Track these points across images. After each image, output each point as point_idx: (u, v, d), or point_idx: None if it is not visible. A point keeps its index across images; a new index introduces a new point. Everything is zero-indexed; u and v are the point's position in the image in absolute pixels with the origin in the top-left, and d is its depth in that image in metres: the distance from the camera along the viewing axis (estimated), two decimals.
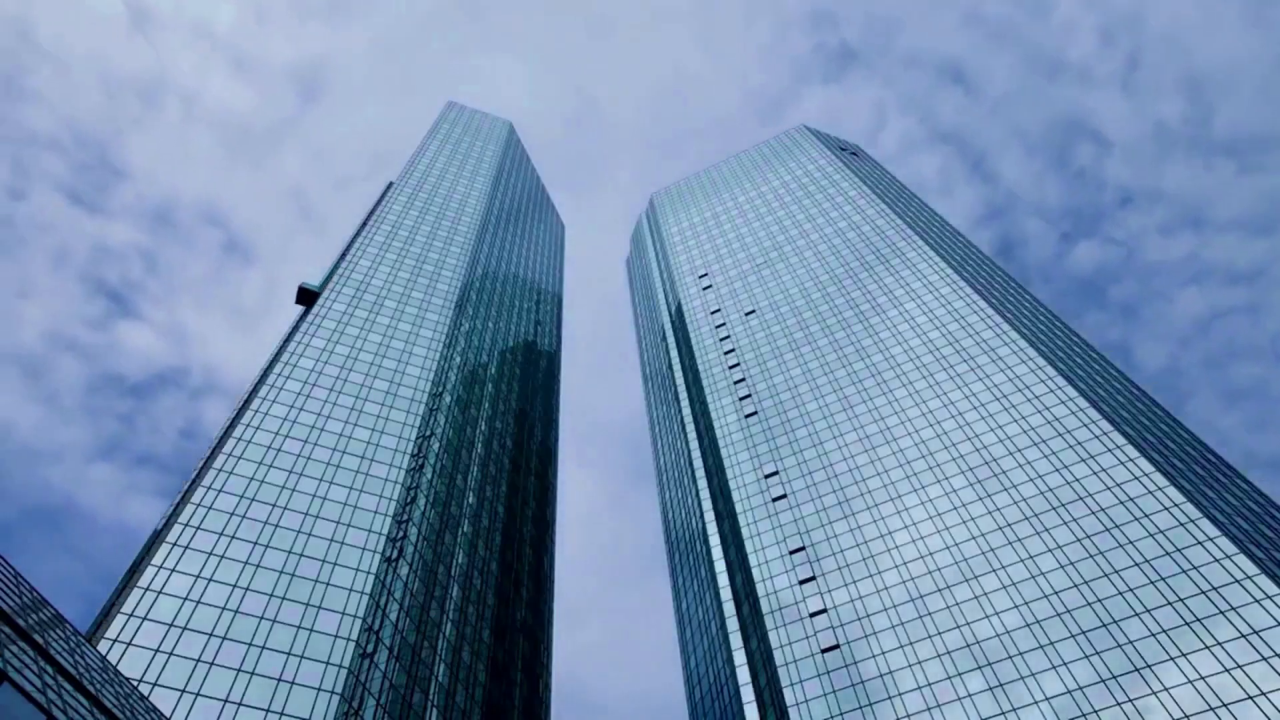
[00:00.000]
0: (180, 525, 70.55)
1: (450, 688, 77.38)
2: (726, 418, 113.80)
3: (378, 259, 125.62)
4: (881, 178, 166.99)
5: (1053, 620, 70.19)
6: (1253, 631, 62.24)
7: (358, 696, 63.45)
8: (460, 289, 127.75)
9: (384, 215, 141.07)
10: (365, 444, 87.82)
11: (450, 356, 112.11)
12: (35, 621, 30.70)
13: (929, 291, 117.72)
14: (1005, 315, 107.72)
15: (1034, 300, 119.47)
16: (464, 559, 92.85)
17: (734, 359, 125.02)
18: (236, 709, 58.39)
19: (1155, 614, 66.72)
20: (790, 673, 76.36)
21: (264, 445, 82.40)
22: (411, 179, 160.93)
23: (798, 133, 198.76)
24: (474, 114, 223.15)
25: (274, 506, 76.16)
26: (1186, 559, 69.32)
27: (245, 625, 64.43)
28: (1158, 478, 77.06)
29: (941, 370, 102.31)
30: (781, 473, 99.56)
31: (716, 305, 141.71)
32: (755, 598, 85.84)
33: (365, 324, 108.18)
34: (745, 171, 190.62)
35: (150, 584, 64.54)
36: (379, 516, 79.60)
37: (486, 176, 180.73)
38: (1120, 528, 74.46)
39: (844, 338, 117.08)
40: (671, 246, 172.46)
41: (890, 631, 75.98)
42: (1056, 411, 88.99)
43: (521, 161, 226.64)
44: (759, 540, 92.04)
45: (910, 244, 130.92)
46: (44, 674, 26.37)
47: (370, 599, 70.88)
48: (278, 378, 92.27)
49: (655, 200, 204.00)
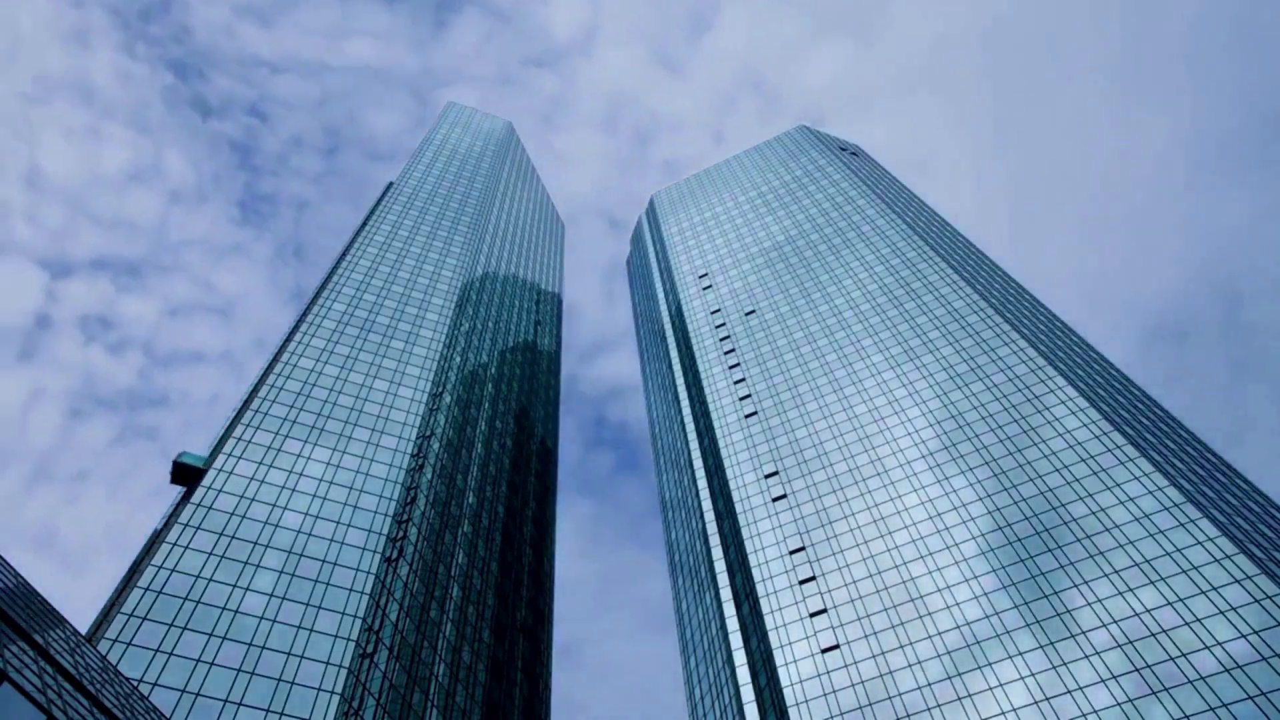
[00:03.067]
0: (180, 525, 70.56)
1: (450, 688, 77.39)
2: (726, 418, 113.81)
3: (378, 259, 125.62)
4: (881, 178, 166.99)
5: (1053, 620, 70.20)
6: (1253, 632, 62.25)
7: (358, 696, 63.45)
8: (460, 289, 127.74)
9: (384, 215, 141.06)
10: (365, 444, 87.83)
11: (450, 356, 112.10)
12: (35, 621, 30.70)
13: (929, 292, 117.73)
14: (1005, 316, 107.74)
15: (1034, 300, 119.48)
16: (464, 559, 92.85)
17: (734, 359, 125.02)
18: (236, 709, 58.40)
19: (1155, 614, 66.73)
20: (790, 673, 76.37)
21: (264, 445, 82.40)
22: (411, 179, 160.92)
23: (797, 132, 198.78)
24: (474, 114, 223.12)
25: (274, 506, 76.16)
26: (1186, 559, 69.32)
27: (245, 625, 64.44)
28: (1157, 477, 77.08)
29: (942, 370, 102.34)
30: (781, 473, 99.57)
31: (716, 305, 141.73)
32: (755, 598, 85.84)
33: (365, 324, 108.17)
34: (745, 171, 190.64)
35: (150, 584, 64.55)
36: (379, 516, 79.60)
37: (486, 176, 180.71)
38: (1120, 527, 74.47)
39: (844, 338, 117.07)
40: (671, 246, 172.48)
41: (890, 631, 75.98)
42: (1057, 412, 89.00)
43: (521, 161, 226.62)
44: (759, 540, 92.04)
45: (910, 244, 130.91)
46: (44, 674, 26.37)
47: (370, 599, 70.88)
48: (278, 377, 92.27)
49: (655, 200, 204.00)
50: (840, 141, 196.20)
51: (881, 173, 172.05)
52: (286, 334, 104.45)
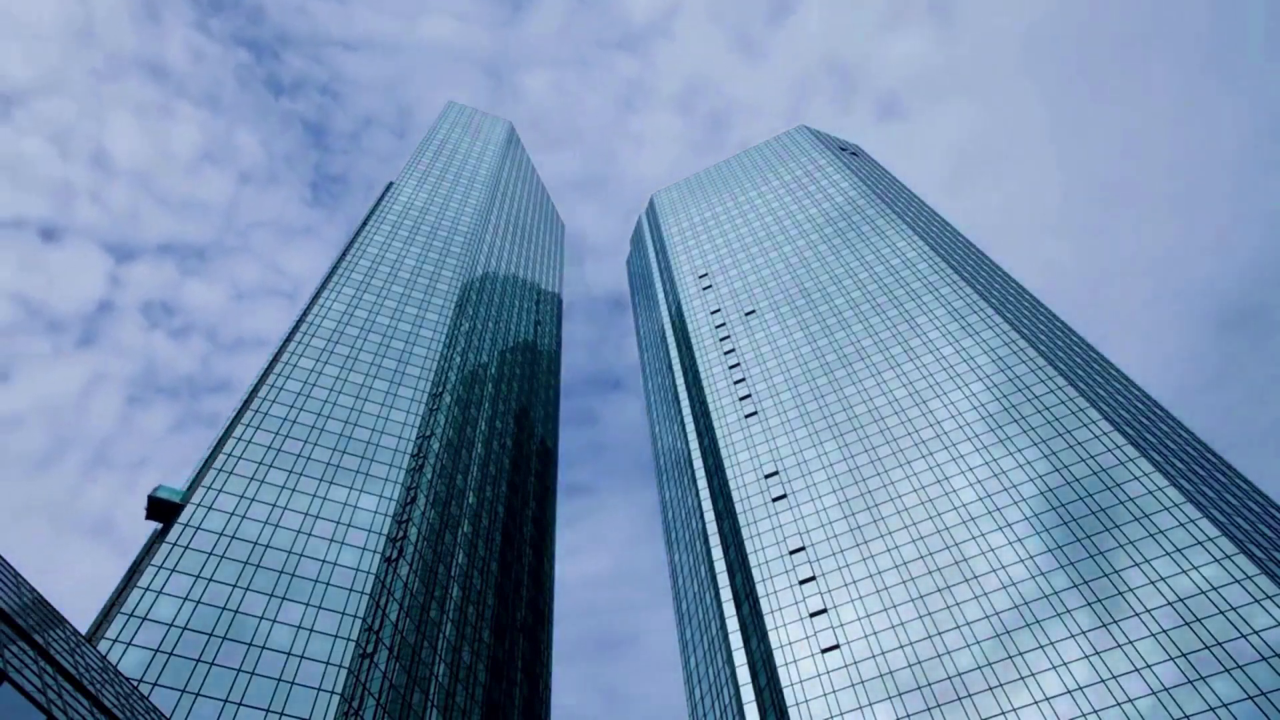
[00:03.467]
0: (180, 525, 70.55)
1: (450, 688, 77.39)
2: (726, 418, 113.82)
3: (378, 259, 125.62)
4: (881, 178, 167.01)
5: (1053, 620, 70.22)
6: (1252, 631, 62.25)
7: (358, 696, 63.45)
8: (460, 289, 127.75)
9: (384, 215, 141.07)
10: (365, 444, 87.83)
11: (450, 356, 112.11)
12: (35, 621, 30.70)
13: (929, 292, 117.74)
14: (1005, 315, 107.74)
15: (1034, 299, 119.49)
16: (464, 559, 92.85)
17: (734, 359, 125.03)
18: (236, 709, 58.40)
19: (1155, 614, 66.75)
20: (790, 673, 76.37)
21: (264, 445, 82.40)
22: (411, 179, 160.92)
23: (797, 133, 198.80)
24: (474, 114, 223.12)
25: (274, 506, 76.17)
26: (1186, 559, 69.33)
27: (245, 625, 64.44)
28: (1157, 477, 77.08)
29: (941, 370, 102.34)
30: (781, 473, 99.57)
31: (716, 305, 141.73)
32: (755, 598, 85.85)
33: (365, 324, 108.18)
34: (745, 171, 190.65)
35: (150, 584, 64.55)
36: (379, 516, 79.61)
37: (486, 177, 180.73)
38: (1120, 528, 74.48)
39: (844, 338, 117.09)
40: (671, 246, 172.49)
41: (890, 631, 75.99)
42: (1057, 411, 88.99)
43: (521, 161, 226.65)
44: (759, 540, 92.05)
45: (910, 244, 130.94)
46: (44, 674, 26.37)
47: (370, 599, 70.88)
48: (278, 378, 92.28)
49: (655, 200, 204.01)
50: (840, 141, 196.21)
51: (881, 173, 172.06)
52: (287, 334, 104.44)
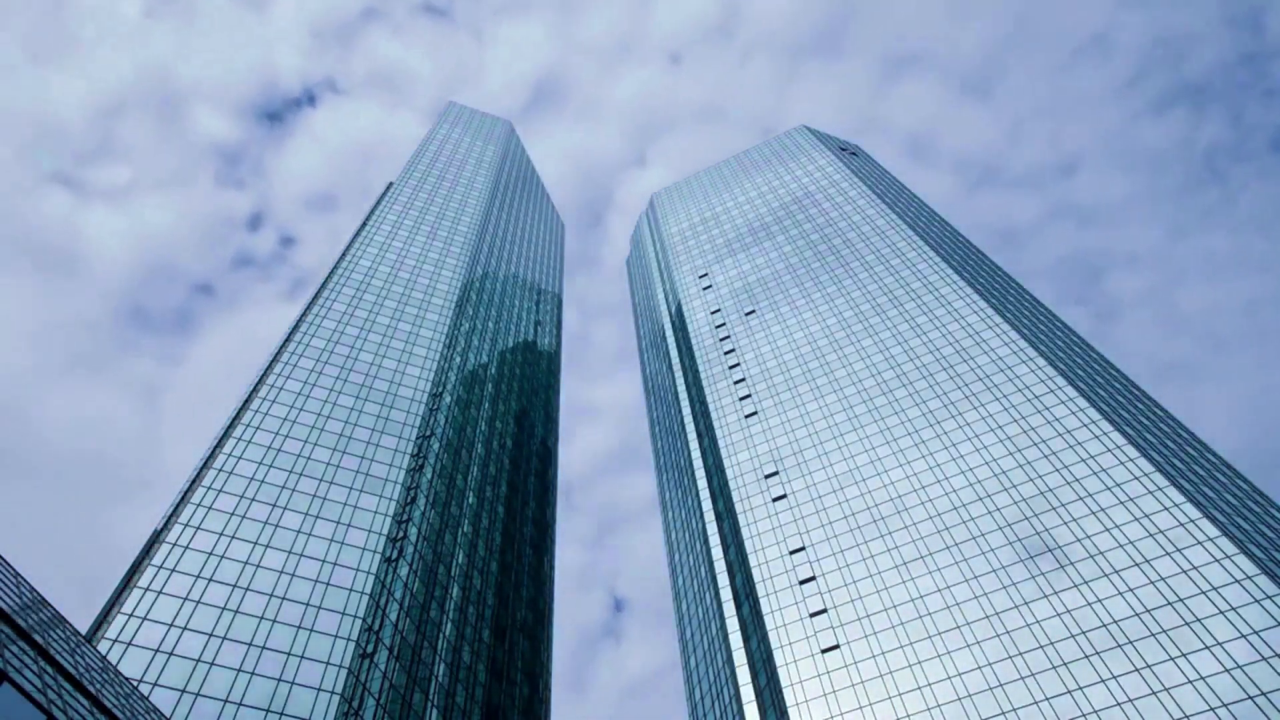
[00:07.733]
0: (180, 525, 70.56)
1: (450, 688, 77.39)
2: (726, 418, 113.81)
3: (378, 259, 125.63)
4: (881, 178, 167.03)
5: (1053, 620, 70.20)
6: (1253, 632, 62.25)
7: (358, 696, 63.46)
8: (460, 289, 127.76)
9: (384, 215, 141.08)
10: (365, 444, 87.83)
11: (450, 356, 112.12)
12: (35, 621, 30.69)
13: (929, 292, 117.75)
14: (1005, 315, 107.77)
15: (1033, 299, 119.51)
16: (464, 559, 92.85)
17: (734, 359, 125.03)
18: (236, 709, 58.40)
19: (1155, 614, 66.75)
20: (790, 673, 76.36)
21: (264, 445, 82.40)
22: (411, 179, 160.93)
23: (797, 133, 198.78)
24: (474, 114, 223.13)
25: (274, 506, 76.17)
26: (1186, 559, 69.33)
27: (245, 625, 64.44)
28: (1158, 478, 77.08)
29: (941, 370, 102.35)
30: (781, 473, 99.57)
31: (716, 305, 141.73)
32: (755, 598, 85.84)
33: (365, 324, 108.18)
34: (745, 171, 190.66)
35: (150, 584, 64.55)
36: (379, 516, 79.61)
37: (486, 176, 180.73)
38: (1120, 528, 74.48)
39: (844, 338, 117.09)
40: (671, 246, 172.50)
41: (890, 631, 75.97)
42: (1056, 411, 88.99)
43: (521, 161, 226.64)
44: (759, 540, 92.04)
45: (910, 244, 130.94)
46: (44, 674, 26.36)
47: (370, 599, 70.89)
48: (278, 378, 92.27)
49: (655, 200, 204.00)
50: (840, 141, 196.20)
51: (881, 173, 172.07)
52: (287, 333, 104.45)
